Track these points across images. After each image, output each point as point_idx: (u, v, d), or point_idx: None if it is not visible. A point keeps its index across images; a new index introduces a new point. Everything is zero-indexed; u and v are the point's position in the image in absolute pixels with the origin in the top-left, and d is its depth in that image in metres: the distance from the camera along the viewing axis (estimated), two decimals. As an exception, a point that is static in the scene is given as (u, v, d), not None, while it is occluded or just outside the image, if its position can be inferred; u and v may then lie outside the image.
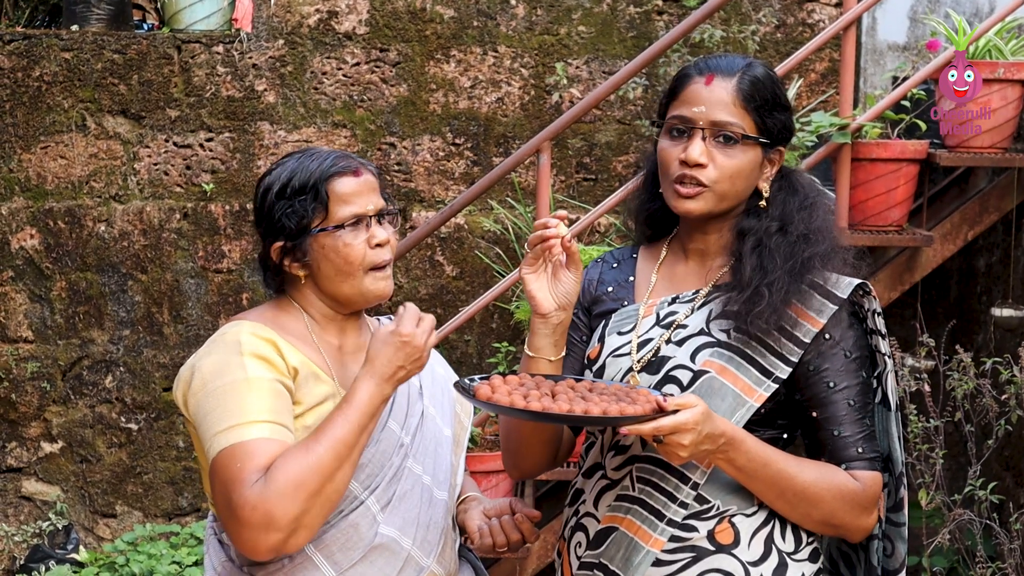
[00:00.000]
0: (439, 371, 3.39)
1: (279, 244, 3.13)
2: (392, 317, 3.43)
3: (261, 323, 3.10)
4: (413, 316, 2.97)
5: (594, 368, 3.15)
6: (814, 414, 3.00)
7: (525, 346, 3.10)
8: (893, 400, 3.09)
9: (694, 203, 3.04)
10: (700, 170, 3.02)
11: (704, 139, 3.03)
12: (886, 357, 3.07)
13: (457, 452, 3.35)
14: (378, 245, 3.12)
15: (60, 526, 7.37)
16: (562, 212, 3.06)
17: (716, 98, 3.03)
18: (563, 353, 3.11)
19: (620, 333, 3.14)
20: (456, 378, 3.35)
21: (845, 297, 3.00)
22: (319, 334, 3.16)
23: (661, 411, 2.76)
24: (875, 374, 3.09)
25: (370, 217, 3.13)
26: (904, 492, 3.13)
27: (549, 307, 3.04)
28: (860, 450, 2.98)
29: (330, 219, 3.09)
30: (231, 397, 2.96)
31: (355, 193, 3.12)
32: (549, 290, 3.04)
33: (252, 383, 2.96)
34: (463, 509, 3.29)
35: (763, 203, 3.08)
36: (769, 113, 3.04)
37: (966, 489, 5.81)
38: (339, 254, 3.09)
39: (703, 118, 3.03)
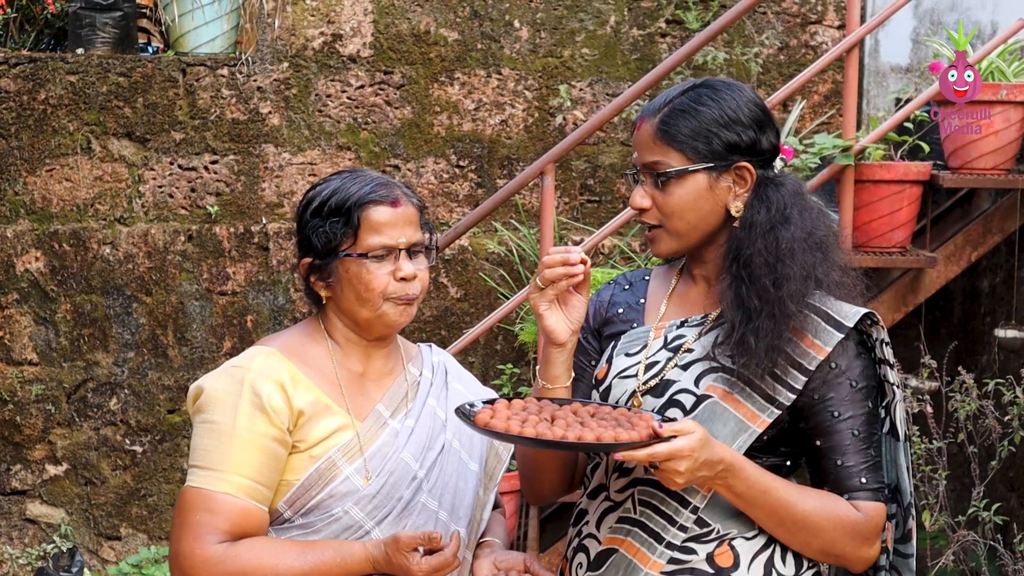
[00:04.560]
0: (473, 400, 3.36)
1: (308, 260, 3.14)
2: (431, 346, 3.43)
3: (282, 354, 3.11)
4: (443, 568, 2.98)
5: (600, 388, 3.15)
6: (818, 443, 2.98)
7: (539, 378, 3.08)
8: (901, 430, 3.06)
9: (656, 246, 3.09)
10: (645, 213, 3.06)
11: (643, 183, 3.06)
12: (895, 387, 3.05)
13: (488, 486, 3.34)
14: (403, 279, 3.11)
15: (65, 549, 7.37)
16: (576, 248, 3.05)
17: (642, 141, 3.06)
18: (573, 376, 3.12)
19: (628, 354, 3.14)
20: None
21: (851, 326, 2.98)
22: (341, 361, 3.17)
23: (657, 437, 2.76)
24: (883, 404, 3.07)
25: (400, 250, 3.11)
26: (912, 523, 3.10)
27: (565, 336, 3.03)
28: (863, 480, 2.96)
29: (358, 246, 3.08)
30: (216, 439, 3.02)
31: (388, 224, 3.10)
32: (563, 318, 3.04)
33: (239, 434, 3.00)
34: (476, 555, 3.27)
35: (736, 224, 3.05)
36: (700, 138, 3.00)
37: (970, 510, 5.80)
38: (361, 281, 3.09)
39: (638, 162, 3.07)
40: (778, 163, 3.10)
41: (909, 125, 6.33)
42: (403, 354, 3.31)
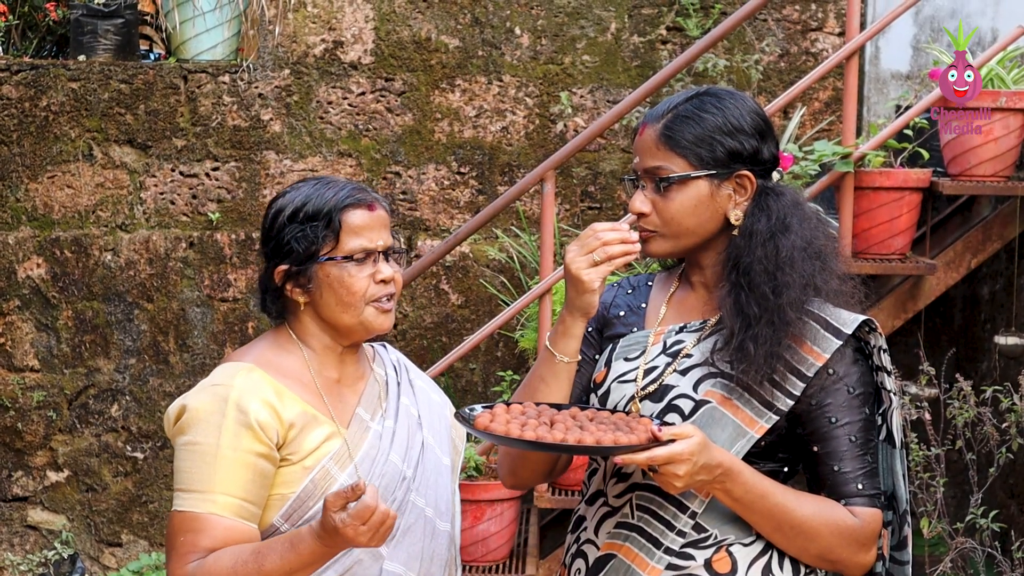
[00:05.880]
0: (435, 398, 3.38)
1: (284, 268, 3.12)
2: (386, 346, 3.44)
3: (261, 369, 3.09)
4: (366, 515, 2.80)
5: (599, 392, 3.15)
6: (815, 449, 2.99)
7: (557, 353, 3.06)
8: (898, 438, 3.07)
9: (650, 246, 3.07)
10: (644, 219, 3.05)
11: (643, 188, 3.05)
12: (892, 394, 3.05)
13: (454, 479, 3.36)
14: (382, 281, 3.11)
15: (66, 555, 7.37)
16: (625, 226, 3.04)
17: (644, 146, 3.06)
18: None
19: (627, 359, 3.14)
20: (450, 404, 3.38)
21: (850, 333, 2.98)
22: (317, 369, 3.16)
23: (656, 441, 2.77)
24: (880, 411, 3.08)
25: (378, 252, 3.12)
26: (908, 530, 3.11)
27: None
28: (860, 486, 2.97)
29: (339, 249, 3.08)
30: (200, 460, 3.01)
31: (367, 227, 3.11)
32: None
33: (223, 453, 2.99)
34: None
35: (735, 232, 3.06)
36: (703, 145, 3.01)
37: (968, 517, 5.80)
38: (343, 285, 3.09)
39: (639, 167, 3.07)
40: (775, 175, 3.11)
41: (909, 132, 6.33)
42: (368, 356, 3.33)
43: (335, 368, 3.19)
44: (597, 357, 3.23)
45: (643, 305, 3.25)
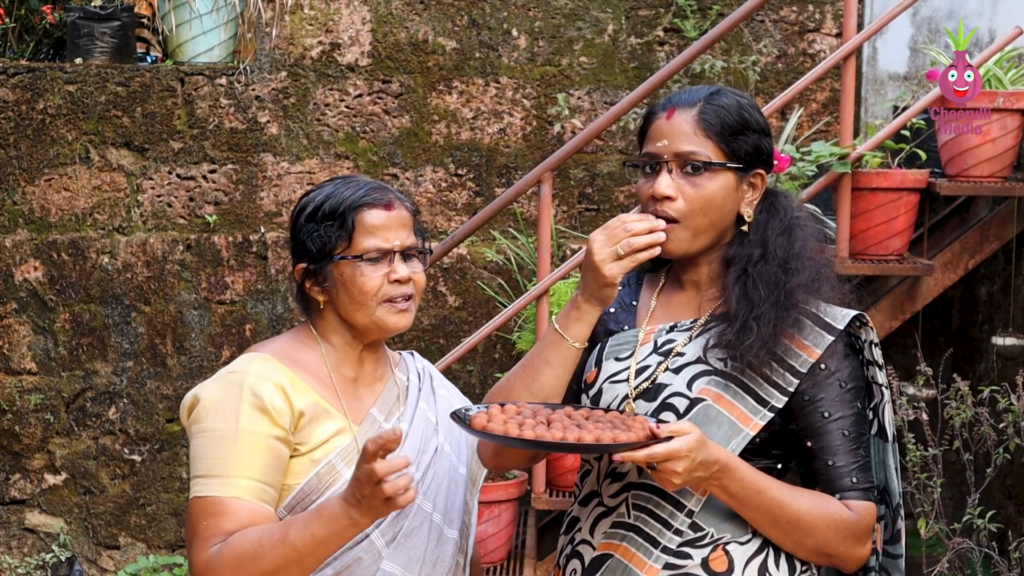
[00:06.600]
0: (456, 406, 3.36)
1: (303, 266, 3.15)
2: (413, 353, 3.43)
3: (276, 359, 3.10)
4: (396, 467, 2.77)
5: (590, 393, 3.15)
6: (808, 444, 3.00)
7: (569, 338, 3.03)
8: (890, 431, 3.09)
9: (671, 244, 3.02)
10: (669, 203, 3.01)
11: (671, 172, 3.03)
12: (883, 388, 3.07)
13: (472, 491, 3.34)
14: (397, 281, 3.11)
15: (63, 558, 7.37)
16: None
17: (678, 130, 3.03)
18: None
19: (618, 359, 3.14)
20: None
21: (842, 328, 3.00)
22: (335, 366, 3.16)
23: (655, 438, 2.77)
24: (871, 405, 3.09)
25: (394, 252, 3.12)
26: (901, 524, 3.13)
27: None
28: (854, 480, 2.98)
29: (352, 248, 3.09)
30: (219, 445, 3.00)
31: (382, 226, 3.12)
32: None
33: (242, 436, 2.99)
34: None
35: (745, 227, 3.07)
36: (735, 138, 3.02)
37: (965, 518, 5.80)
38: (355, 284, 3.09)
39: (667, 151, 3.04)
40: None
41: (906, 133, 6.33)
42: (391, 359, 3.33)
43: (352, 367, 3.20)
44: (589, 350, 3.22)
45: (634, 303, 3.25)
